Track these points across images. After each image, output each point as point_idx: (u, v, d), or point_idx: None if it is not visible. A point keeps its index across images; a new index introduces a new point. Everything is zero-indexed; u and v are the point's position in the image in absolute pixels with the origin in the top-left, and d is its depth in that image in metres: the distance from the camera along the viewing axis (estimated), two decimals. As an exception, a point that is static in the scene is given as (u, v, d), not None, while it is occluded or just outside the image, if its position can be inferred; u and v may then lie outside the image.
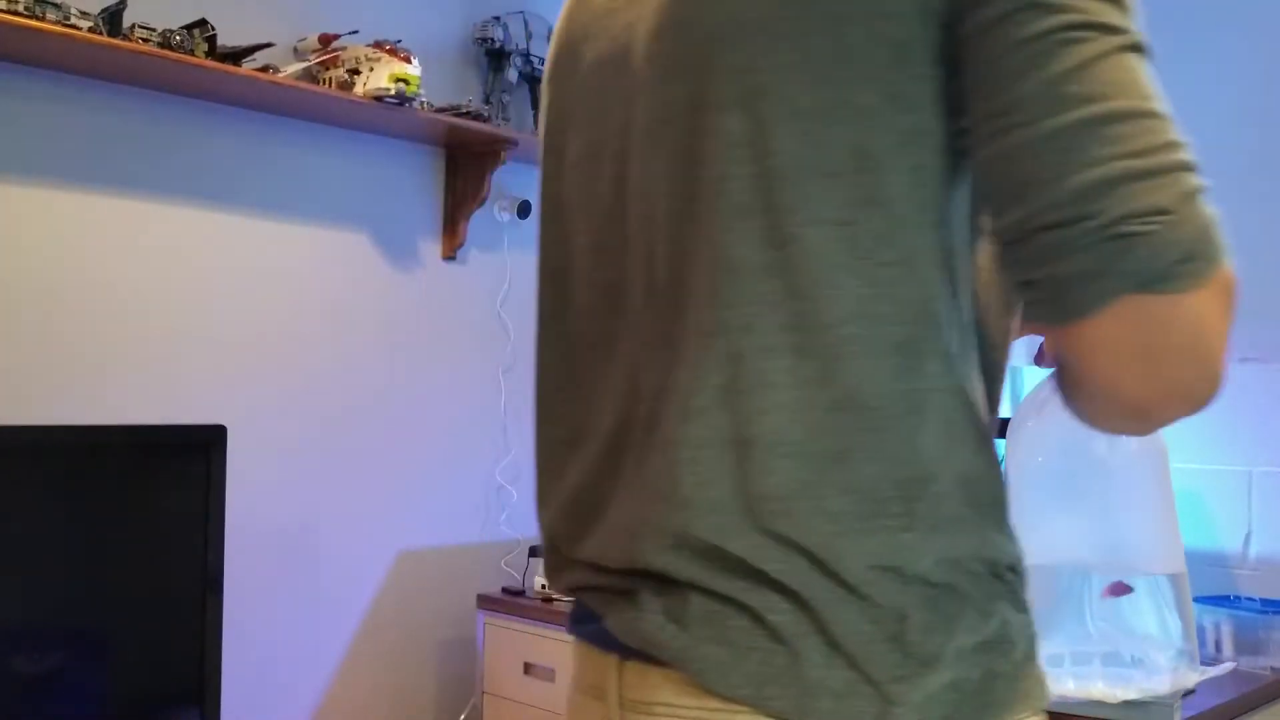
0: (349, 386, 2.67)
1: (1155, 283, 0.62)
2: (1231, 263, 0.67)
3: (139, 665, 2.08)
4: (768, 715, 0.70)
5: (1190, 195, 0.63)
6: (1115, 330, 0.64)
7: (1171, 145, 0.63)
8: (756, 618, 0.70)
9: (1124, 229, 0.61)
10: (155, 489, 2.11)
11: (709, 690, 0.71)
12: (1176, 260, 0.62)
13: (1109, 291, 0.63)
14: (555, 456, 0.88)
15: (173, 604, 2.11)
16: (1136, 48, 0.65)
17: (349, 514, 2.67)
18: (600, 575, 0.80)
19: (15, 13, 1.95)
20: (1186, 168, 0.63)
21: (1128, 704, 1.73)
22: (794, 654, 0.69)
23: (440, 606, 2.84)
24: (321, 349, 2.62)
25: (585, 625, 0.82)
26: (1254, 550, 2.28)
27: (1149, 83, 0.65)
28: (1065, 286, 0.64)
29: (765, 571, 0.70)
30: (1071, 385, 0.74)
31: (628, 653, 0.76)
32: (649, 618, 0.74)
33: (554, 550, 0.88)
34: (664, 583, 0.74)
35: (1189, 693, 1.88)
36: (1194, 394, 0.68)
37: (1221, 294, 0.65)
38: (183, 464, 2.14)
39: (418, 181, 2.82)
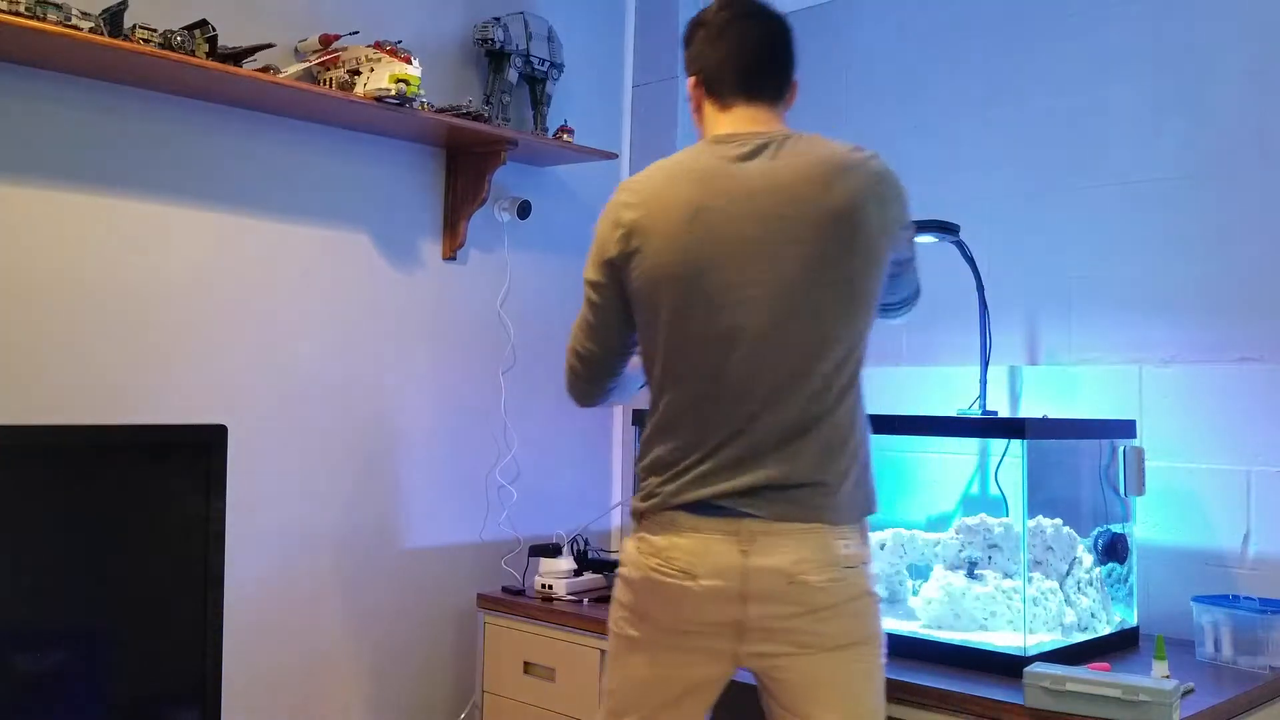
0: (349, 386, 2.67)
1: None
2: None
3: (139, 665, 2.08)
4: (828, 523, 1.71)
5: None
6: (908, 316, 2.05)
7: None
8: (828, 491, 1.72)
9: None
10: (155, 489, 2.12)
11: (799, 519, 1.70)
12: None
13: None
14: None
15: (173, 604, 2.11)
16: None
17: (349, 514, 2.67)
18: (742, 494, 1.70)
19: (16, 13, 1.95)
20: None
21: (1127, 703, 1.73)
22: (835, 502, 1.72)
23: (440, 606, 2.85)
24: (322, 349, 2.63)
25: (709, 509, 1.71)
26: (1253, 550, 2.28)
27: None
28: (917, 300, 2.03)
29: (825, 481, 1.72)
30: (896, 322, 2.06)
31: (752, 515, 1.69)
32: (782, 504, 1.70)
33: (695, 481, 1.73)
34: (784, 488, 1.70)
35: (1188, 692, 1.89)
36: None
37: None
38: (183, 464, 2.14)
39: (418, 181, 2.82)
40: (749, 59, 1.80)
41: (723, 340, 1.71)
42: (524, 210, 2.95)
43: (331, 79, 2.48)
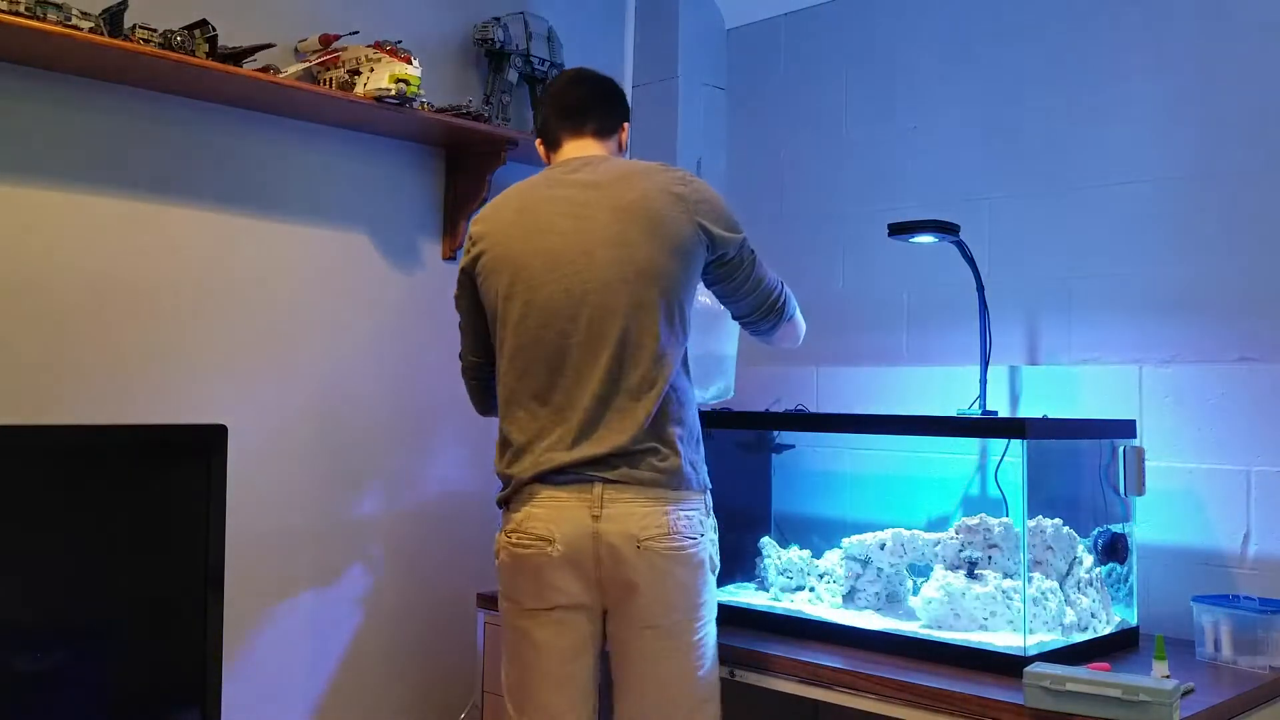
0: (349, 386, 2.67)
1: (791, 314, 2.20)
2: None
3: (139, 665, 2.08)
4: (670, 489, 1.93)
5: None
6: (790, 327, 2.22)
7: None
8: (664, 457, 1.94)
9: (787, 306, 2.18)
10: (155, 489, 2.12)
11: (644, 484, 1.92)
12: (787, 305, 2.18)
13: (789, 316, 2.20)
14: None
15: (173, 604, 2.11)
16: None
17: (349, 513, 2.67)
18: (587, 462, 1.93)
19: (16, 13, 1.95)
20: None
21: (1127, 703, 1.73)
22: (675, 469, 1.95)
23: (440, 606, 2.85)
24: (322, 349, 2.63)
25: (567, 474, 1.93)
26: (1253, 550, 2.29)
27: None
28: (781, 316, 2.18)
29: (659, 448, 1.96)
30: (771, 340, 2.23)
31: (601, 480, 1.92)
32: (624, 467, 1.92)
33: (542, 453, 1.96)
34: (624, 455, 1.92)
35: (1188, 692, 1.89)
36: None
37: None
38: (183, 464, 2.14)
39: (418, 181, 2.82)
40: (572, 105, 2.13)
41: (550, 318, 1.96)
42: (524, 210, 2.95)
43: (331, 79, 2.48)
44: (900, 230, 2.45)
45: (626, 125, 2.18)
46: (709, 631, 2.00)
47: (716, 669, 2.02)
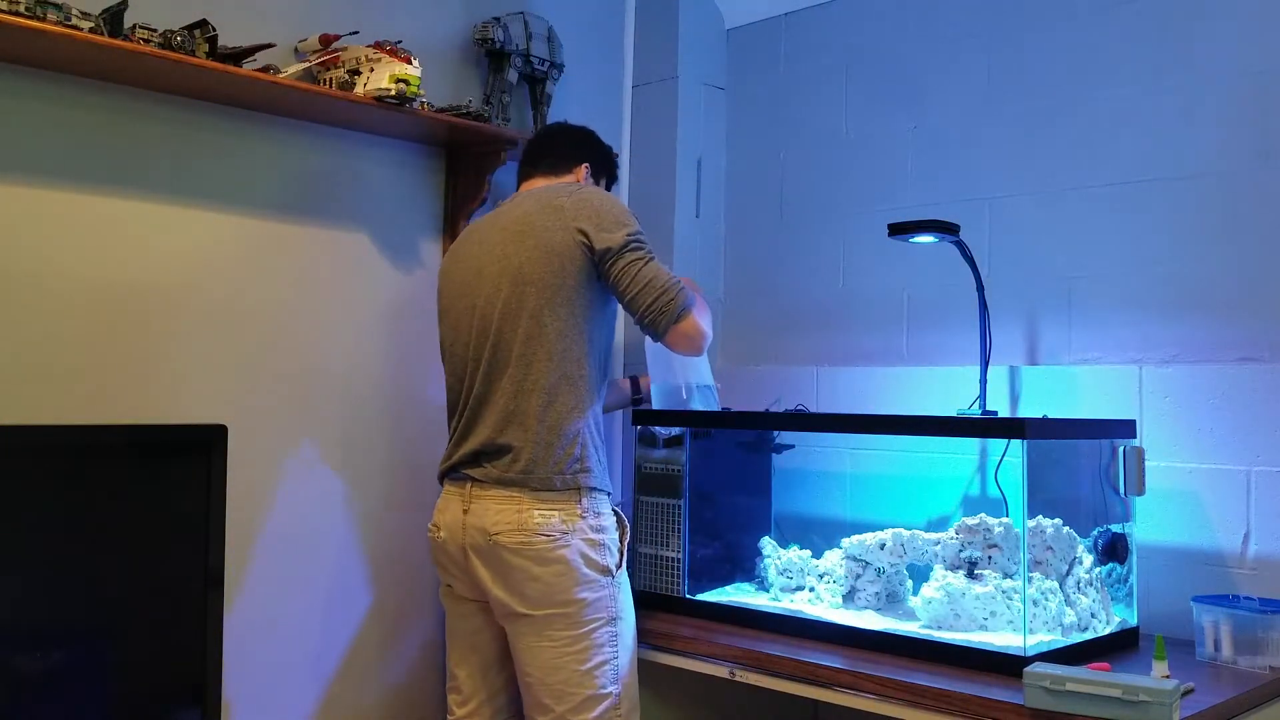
0: (349, 386, 2.67)
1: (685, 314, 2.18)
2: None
3: (139, 665, 2.08)
4: (526, 489, 2.12)
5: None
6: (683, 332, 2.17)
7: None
8: (516, 456, 2.13)
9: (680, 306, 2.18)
10: (155, 489, 2.12)
11: (502, 483, 2.13)
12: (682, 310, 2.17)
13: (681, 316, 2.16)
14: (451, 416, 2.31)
15: (173, 604, 2.11)
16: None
17: (349, 513, 2.67)
18: (463, 460, 2.20)
19: (16, 13, 1.95)
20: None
21: (1127, 703, 1.73)
22: (526, 469, 2.12)
23: (441, 606, 2.84)
24: (322, 349, 2.63)
25: (453, 472, 2.22)
26: (1253, 550, 2.29)
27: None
28: (667, 317, 2.15)
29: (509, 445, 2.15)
30: (665, 341, 2.20)
31: (470, 478, 2.17)
32: (485, 465, 2.15)
33: (448, 454, 2.26)
34: (485, 452, 2.16)
35: (1188, 692, 1.89)
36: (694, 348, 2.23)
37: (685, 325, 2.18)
38: (183, 464, 2.14)
39: (418, 181, 2.82)
40: (531, 152, 2.44)
41: (457, 334, 2.25)
42: (524, 210, 2.95)
43: (331, 79, 2.48)
44: (900, 230, 2.45)
45: (585, 166, 2.39)
46: (601, 631, 2.11)
47: (620, 670, 2.13)
